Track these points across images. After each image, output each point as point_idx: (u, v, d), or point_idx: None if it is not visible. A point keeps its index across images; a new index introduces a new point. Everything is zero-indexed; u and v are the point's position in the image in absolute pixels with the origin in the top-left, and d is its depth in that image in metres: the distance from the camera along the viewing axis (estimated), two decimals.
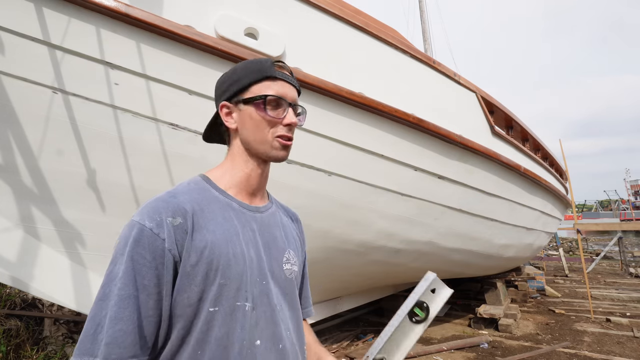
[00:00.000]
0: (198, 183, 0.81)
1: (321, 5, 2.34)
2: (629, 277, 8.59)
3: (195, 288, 0.69)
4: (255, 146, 0.82)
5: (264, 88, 0.81)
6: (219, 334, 0.69)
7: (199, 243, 0.71)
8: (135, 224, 0.69)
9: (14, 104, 1.73)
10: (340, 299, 4.02)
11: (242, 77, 0.82)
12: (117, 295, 0.64)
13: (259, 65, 0.82)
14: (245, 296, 0.73)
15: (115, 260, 0.67)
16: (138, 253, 0.66)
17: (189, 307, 0.69)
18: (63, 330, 3.99)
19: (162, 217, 0.69)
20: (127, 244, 0.67)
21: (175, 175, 2.10)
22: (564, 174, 6.30)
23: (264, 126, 0.81)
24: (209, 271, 0.70)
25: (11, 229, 1.88)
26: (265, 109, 0.80)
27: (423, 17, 9.81)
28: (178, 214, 0.71)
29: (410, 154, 2.83)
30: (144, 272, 0.66)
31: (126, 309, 0.64)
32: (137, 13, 1.76)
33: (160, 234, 0.68)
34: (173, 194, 0.75)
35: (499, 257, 4.72)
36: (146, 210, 0.71)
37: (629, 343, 4.22)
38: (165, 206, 0.71)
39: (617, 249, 10.67)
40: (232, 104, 0.84)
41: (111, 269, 0.67)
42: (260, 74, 0.81)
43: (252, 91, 0.81)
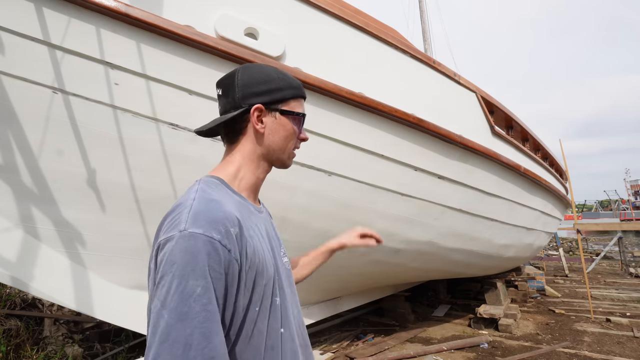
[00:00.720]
0: (219, 187, 0.81)
1: (321, 5, 2.34)
2: (629, 277, 8.59)
3: (247, 292, 0.73)
4: (278, 154, 0.88)
5: (299, 106, 0.90)
6: (261, 328, 0.75)
7: (249, 250, 0.73)
8: (201, 236, 0.66)
9: (14, 104, 1.73)
10: (340, 299, 4.02)
11: (284, 88, 0.87)
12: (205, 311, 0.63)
13: (295, 82, 0.90)
14: (276, 292, 0.80)
15: (187, 277, 0.63)
16: (211, 267, 0.65)
17: (243, 309, 0.73)
18: (63, 330, 4.00)
19: (226, 227, 0.69)
20: (198, 259, 0.64)
21: (175, 175, 2.10)
22: (564, 174, 6.30)
23: (292, 138, 0.89)
24: (256, 275, 0.74)
25: (11, 229, 1.88)
26: (300, 125, 0.90)
27: (423, 17, 9.82)
28: (235, 223, 0.72)
29: (410, 154, 2.83)
30: (216, 285, 0.66)
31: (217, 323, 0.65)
32: (137, 13, 1.76)
33: (228, 245, 0.68)
34: (219, 202, 0.73)
35: (499, 257, 4.72)
36: (206, 221, 0.68)
37: (629, 343, 4.22)
38: (225, 216, 0.71)
39: (617, 249, 10.67)
40: (266, 110, 0.86)
41: (183, 286, 0.63)
42: (299, 91, 0.89)
43: (290, 105, 0.88)
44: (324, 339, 4.41)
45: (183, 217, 0.69)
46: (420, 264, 3.72)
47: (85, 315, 2.99)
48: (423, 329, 4.84)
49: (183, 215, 0.69)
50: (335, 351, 4.02)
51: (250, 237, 0.75)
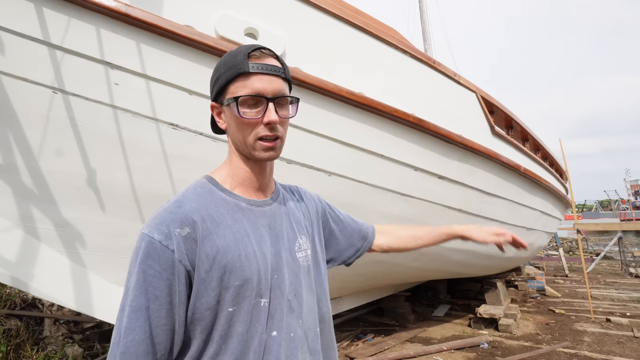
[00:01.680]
0: (204, 186, 0.80)
1: (321, 5, 2.33)
2: (629, 277, 8.59)
3: (211, 292, 0.71)
4: (241, 147, 0.80)
5: (239, 87, 0.75)
6: (239, 330, 0.72)
7: (209, 249, 0.71)
8: (145, 236, 0.70)
9: (14, 104, 1.73)
10: (340, 299, 4.02)
11: (220, 75, 0.78)
12: (129, 307, 0.67)
13: (232, 60, 0.76)
14: (260, 293, 0.75)
15: (130, 273, 0.70)
16: (148, 265, 0.68)
17: (208, 310, 0.72)
18: (63, 330, 4.00)
19: (170, 228, 0.70)
20: (138, 257, 0.69)
21: (175, 175, 2.10)
22: (564, 174, 6.30)
23: (243, 128, 0.77)
24: (223, 275, 0.72)
25: (11, 229, 1.88)
26: (238, 111, 0.75)
27: (423, 17, 9.82)
28: (186, 224, 0.71)
29: (410, 154, 2.83)
30: (154, 283, 0.68)
31: (138, 320, 0.66)
32: (137, 13, 1.76)
33: (169, 245, 0.69)
34: (179, 203, 0.75)
35: (499, 257, 4.72)
36: (154, 223, 0.71)
37: (629, 343, 4.22)
38: (172, 217, 0.72)
39: (617, 249, 10.66)
40: (218, 104, 0.82)
41: (126, 282, 0.70)
42: (234, 70, 0.75)
43: (229, 91, 0.77)
44: None
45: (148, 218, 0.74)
46: (421, 264, 3.72)
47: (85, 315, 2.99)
48: (423, 329, 4.83)
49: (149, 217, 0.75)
50: None
51: (219, 236, 0.73)
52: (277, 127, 0.78)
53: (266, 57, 0.78)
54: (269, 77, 0.76)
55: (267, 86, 0.76)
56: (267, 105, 0.76)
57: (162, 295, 0.68)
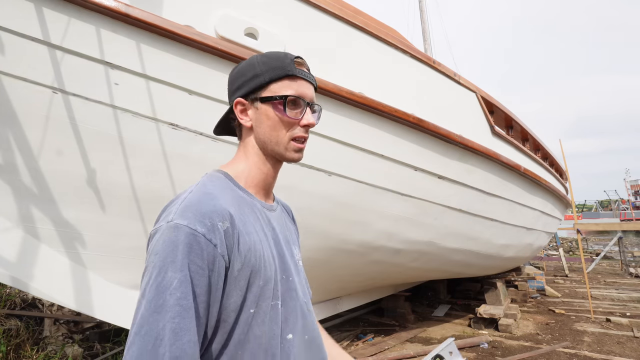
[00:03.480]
0: (223, 181, 0.78)
1: (321, 5, 2.34)
2: (629, 277, 8.59)
3: (239, 292, 0.69)
4: (271, 147, 0.80)
5: (284, 87, 0.78)
6: (258, 333, 0.70)
7: (242, 247, 0.69)
8: (184, 228, 0.64)
9: (14, 104, 1.73)
10: (340, 299, 4.02)
11: (261, 73, 0.79)
12: (178, 306, 0.60)
13: (279, 61, 0.79)
14: (277, 295, 0.74)
15: (166, 268, 0.62)
16: (192, 260, 0.62)
17: (234, 311, 0.69)
18: (63, 330, 4.00)
19: (213, 221, 0.66)
20: (178, 250, 0.62)
21: (175, 175, 2.10)
22: (564, 174, 6.30)
23: (280, 127, 0.79)
24: (251, 274, 0.70)
25: (11, 229, 1.88)
26: (284, 109, 0.77)
27: (423, 17, 9.82)
28: (225, 217, 0.68)
29: (410, 154, 2.83)
30: (196, 279, 0.63)
31: (191, 320, 0.61)
32: (137, 13, 1.76)
33: (213, 239, 0.65)
34: (213, 195, 0.71)
35: (499, 257, 4.72)
36: (192, 214, 0.66)
37: (629, 343, 4.22)
38: (212, 209, 0.68)
39: (617, 249, 10.67)
40: (248, 101, 0.81)
41: (161, 277, 0.61)
42: (281, 71, 0.78)
43: (271, 89, 0.78)
44: None
45: (174, 208, 0.68)
46: (421, 264, 3.72)
47: (85, 315, 2.99)
48: (423, 329, 4.84)
49: (174, 207, 0.69)
50: None
51: (247, 234, 0.71)
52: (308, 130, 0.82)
53: (306, 66, 0.83)
54: (309, 84, 0.81)
55: (307, 92, 0.80)
56: (306, 109, 0.80)
57: (202, 292, 0.63)
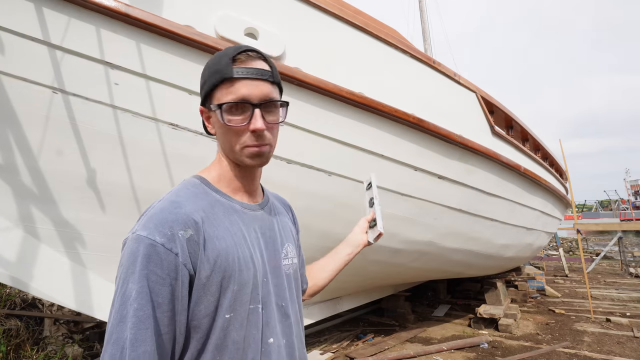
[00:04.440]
0: (197, 186, 0.77)
1: (321, 5, 2.33)
2: (629, 277, 8.58)
3: (210, 298, 0.68)
4: (228, 153, 0.78)
5: (224, 93, 0.73)
6: (236, 338, 0.69)
7: (210, 253, 0.68)
8: (144, 239, 0.64)
9: (14, 104, 1.73)
10: (340, 299, 4.02)
11: (206, 80, 0.77)
12: (134, 317, 0.61)
13: (217, 64, 0.74)
14: (257, 299, 0.73)
15: (127, 279, 0.63)
16: (151, 270, 0.63)
17: (206, 317, 0.68)
18: (63, 330, 3.99)
19: (173, 230, 0.66)
20: (137, 261, 0.63)
21: (175, 175, 2.10)
22: (564, 174, 6.30)
23: (230, 135, 0.75)
24: (223, 279, 0.69)
25: (11, 229, 1.88)
26: (223, 119, 0.73)
27: (423, 17, 9.81)
28: (188, 225, 0.67)
29: (410, 154, 2.83)
30: (157, 289, 0.63)
31: (147, 330, 0.61)
32: (137, 13, 1.76)
33: (173, 248, 0.65)
34: (177, 204, 0.70)
35: (499, 257, 4.72)
36: (153, 224, 0.66)
37: (629, 343, 4.22)
38: (174, 218, 0.67)
39: (617, 249, 10.66)
40: (206, 109, 0.80)
41: (124, 288, 0.63)
42: (218, 75, 0.73)
43: (215, 97, 0.75)
44: (324, 339, 4.41)
45: (141, 219, 0.69)
46: (421, 264, 3.72)
47: (85, 315, 2.99)
48: (423, 329, 4.83)
49: (142, 217, 0.69)
50: (335, 351, 4.02)
51: (218, 239, 0.70)
52: (265, 135, 0.75)
53: (253, 60, 0.74)
54: (255, 81, 0.73)
55: (253, 91, 0.73)
56: (253, 112, 0.73)
57: (164, 302, 0.63)
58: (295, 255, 0.89)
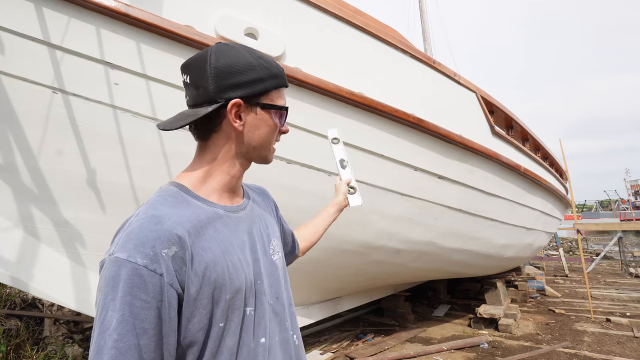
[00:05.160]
0: (176, 196, 0.73)
1: (321, 5, 2.34)
2: (629, 277, 8.59)
3: (203, 311, 0.66)
4: (259, 151, 0.80)
5: (280, 97, 0.80)
6: (229, 344, 0.69)
7: (198, 266, 0.65)
8: (124, 262, 0.59)
9: (14, 104, 1.73)
10: (340, 299, 4.02)
11: (265, 78, 0.75)
12: (114, 348, 0.56)
13: (277, 70, 0.78)
14: (247, 302, 0.72)
15: (107, 307, 0.58)
16: (133, 296, 0.58)
17: (200, 330, 0.66)
18: (63, 330, 3.99)
19: (155, 250, 0.61)
20: (118, 287, 0.58)
21: (175, 175, 2.10)
22: (564, 174, 6.30)
23: (274, 134, 0.81)
24: (214, 291, 0.67)
25: (11, 229, 1.88)
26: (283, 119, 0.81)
27: (423, 17, 9.82)
28: (172, 242, 0.63)
29: (410, 154, 2.83)
30: (142, 315, 0.58)
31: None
32: (137, 13, 1.76)
33: (157, 269, 0.60)
34: (157, 218, 0.65)
35: (499, 257, 4.72)
36: (133, 244, 0.60)
37: (629, 343, 4.22)
38: (155, 236, 0.62)
39: (617, 249, 10.67)
40: (245, 104, 0.75)
41: (102, 316, 0.58)
42: (281, 81, 0.78)
43: (272, 97, 0.78)
44: (324, 339, 4.41)
45: (117, 237, 0.65)
46: (421, 264, 3.72)
47: (85, 315, 2.99)
48: (423, 329, 4.84)
49: (118, 236, 0.65)
50: (335, 351, 4.02)
51: (205, 250, 0.67)
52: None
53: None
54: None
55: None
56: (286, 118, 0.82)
57: (150, 327, 0.59)
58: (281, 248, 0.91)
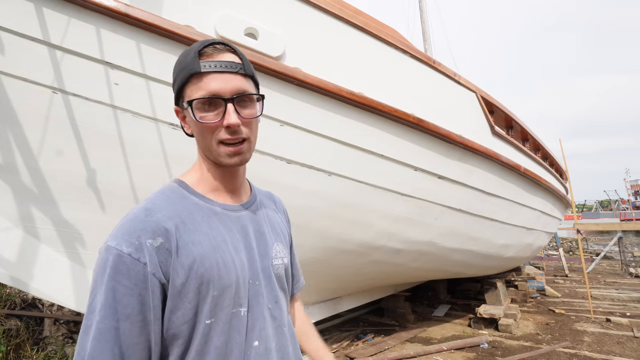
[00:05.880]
0: (175, 191, 0.74)
1: (321, 5, 2.33)
2: (629, 277, 8.58)
3: (188, 305, 0.66)
4: (206, 152, 0.75)
5: (193, 90, 0.70)
6: (217, 344, 0.68)
7: (185, 259, 0.66)
8: (111, 249, 0.63)
9: (14, 104, 1.73)
10: (340, 299, 4.02)
11: (176, 77, 0.73)
12: (95, 329, 0.60)
13: (184, 60, 0.71)
14: (239, 302, 0.71)
15: (95, 291, 0.62)
16: (117, 281, 0.61)
17: (185, 324, 0.67)
18: (63, 330, 3.99)
19: (140, 240, 0.64)
20: (105, 273, 0.62)
21: (175, 175, 2.09)
22: (564, 174, 6.30)
23: (204, 133, 0.72)
24: (200, 285, 0.67)
25: (11, 229, 1.88)
26: (195, 116, 0.70)
27: (423, 17, 9.81)
28: (158, 233, 0.65)
29: (410, 154, 2.83)
30: (125, 300, 0.61)
31: (106, 343, 0.60)
32: (137, 13, 1.76)
33: (141, 258, 0.63)
34: (149, 211, 0.68)
35: (499, 257, 4.72)
36: (121, 233, 0.65)
37: (629, 343, 4.22)
38: (142, 227, 0.65)
39: (617, 249, 10.67)
40: (180, 108, 0.76)
41: (91, 300, 0.62)
42: (186, 72, 0.70)
43: (185, 94, 0.72)
44: (324, 339, 4.40)
45: (114, 228, 0.68)
46: (421, 264, 3.72)
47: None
48: (423, 329, 4.84)
49: (115, 226, 0.68)
50: (335, 351, 4.02)
51: (194, 244, 0.68)
52: (241, 130, 0.71)
53: (220, 52, 0.71)
54: (225, 75, 0.69)
55: (223, 86, 0.69)
56: (226, 107, 0.69)
57: (133, 312, 0.62)
58: (285, 255, 0.86)
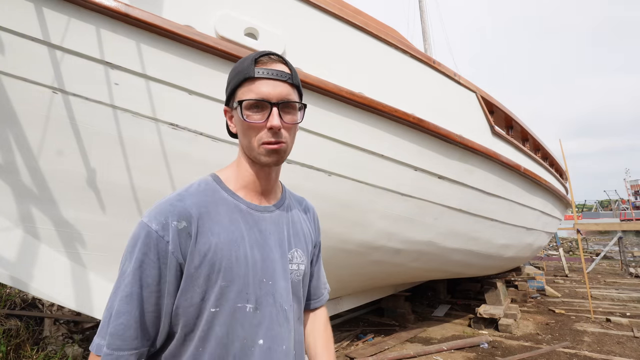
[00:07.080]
0: (209, 184, 0.82)
1: (321, 5, 2.33)
2: (629, 277, 8.58)
3: (197, 289, 0.73)
4: (247, 151, 0.81)
5: (245, 92, 0.77)
6: (219, 333, 0.72)
7: (202, 246, 0.73)
8: (144, 225, 0.72)
9: (14, 104, 1.73)
10: (340, 299, 4.02)
11: (230, 80, 0.81)
12: (123, 291, 0.70)
13: (241, 65, 0.79)
14: (246, 298, 0.75)
15: (126, 258, 0.73)
16: (144, 253, 0.71)
17: (191, 306, 0.73)
18: (63, 330, 3.99)
19: (167, 220, 0.72)
20: (137, 244, 0.71)
21: (175, 175, 2.10)
22: (564, 174, 6.29)
23: (249, 132, 0.78)
24: (210, 273, 0.73)
25: (11, 229, 1.88)
26: (243, 115, 0.76)
27: (423, 17, 9.81)
28: (183, 217, 0.73)
29: (410, 154, 2.83)
30: (148, 271, 0.70)
31: (129, 304, 0.69)
32: (137, 13, 1.76)
33: (165, 236, 0.71)
34: (181, 197, 0.77)
35: (499, 257, 4.72)
36: (154, 213, 0.74)
37: (629, 343, 4.22)
38: (171, 210, 0.74)
39: (617, 249, 10.67)
40: (229, 108, 0.84)
41: (123, 264, 0.73)
42: (241, 75, 0.77)
43: (237, 96, 0.79)
44: None
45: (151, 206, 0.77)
46: (421, 264, 3.71)
47: (85, 315, 2.99)
48: (423, 329, 4.84)
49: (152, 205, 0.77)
50: (336, 351, 4.02)
51: (213, 234, 0.74)
52: (281, 133, 0.77)
53: (274, 62, 0.78)
54: (274, 82, 0.77)
55: (271, 91, 0.76)
56: (271, 110, 0.76)
57: (153, 283, 0.70)
58: (303, 261, 0.88)
